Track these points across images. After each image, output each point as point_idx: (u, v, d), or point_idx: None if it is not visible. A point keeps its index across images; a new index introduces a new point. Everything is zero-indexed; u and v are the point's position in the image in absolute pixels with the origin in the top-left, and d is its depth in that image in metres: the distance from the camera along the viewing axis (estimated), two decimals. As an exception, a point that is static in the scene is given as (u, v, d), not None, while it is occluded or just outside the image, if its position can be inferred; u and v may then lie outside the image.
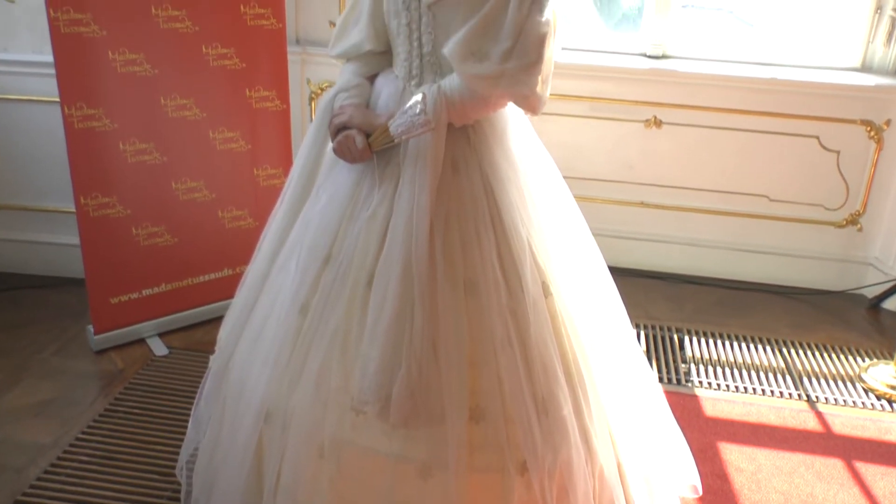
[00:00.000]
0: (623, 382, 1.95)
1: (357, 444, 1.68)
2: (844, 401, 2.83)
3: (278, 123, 3.04)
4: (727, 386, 2.88)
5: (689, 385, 2.88)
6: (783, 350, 3.15)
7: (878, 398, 2.86)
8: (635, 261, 3.69)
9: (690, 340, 3.18)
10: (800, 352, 3.14)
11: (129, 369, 2.83)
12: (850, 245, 3.63)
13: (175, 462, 2.18)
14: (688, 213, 3.65)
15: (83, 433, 2.48)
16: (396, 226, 1.64)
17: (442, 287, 1.62)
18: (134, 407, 2.60)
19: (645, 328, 3.24)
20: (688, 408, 2.72)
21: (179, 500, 2.11)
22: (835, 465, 2.49)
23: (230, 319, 1.99)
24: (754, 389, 2.87)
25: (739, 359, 3.07)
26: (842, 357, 3.12)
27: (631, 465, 1.89)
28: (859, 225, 3.59)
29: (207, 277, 3.08)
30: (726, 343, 3.18)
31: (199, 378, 2.10)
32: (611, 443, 1.84)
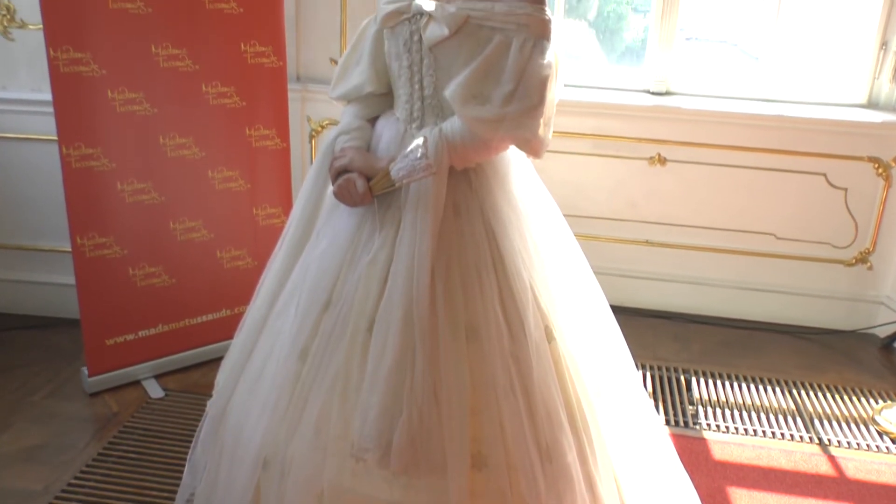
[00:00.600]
0: (628, 427, 1.95)
1: (357, 492, 1.68)
2: (858, 444, 2.82)
3: (278, 162, 3.08)
4: (736, 429, 2.88)
5: (697, 428, 2.87)
6: (793, 391, 3.15)
7: (893, 441, 2.86)
8: (640, 300, 3.70)
9: (698, 382, 3.18)
10: (810, 393, 3.14)
11: (124, 412, 2.83)
12: (860, 284, 3.65)
13: (171, 509, 2.18)
14: (693, 252, 3.67)
15: (75, 479, 2.47)
16: (397, 271, 1.66)
17: (443, 333, 1.64)
18: (128, 451, 2.60)
19: (651, 369, 3.25)
20: (695, 451, 2.71)
21: (175, 549, 2.11)
22: (848, 512, 2.48)
23: (228, 363, 2.00)
24: (764, 432, 2.87)
25: (748, 400, 3.07)
26: (854, 398, 3.12)
27: (637, 513, 1.89)
28: (869, 263, 3.61)
29: (205, 318, 3.10)
30: (735, 384, 3.18)
31: (196, 421, 2.11)
32: (616, 489, 1.84)
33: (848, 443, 2.83)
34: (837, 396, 3.13)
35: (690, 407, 3.01)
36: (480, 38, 1.67)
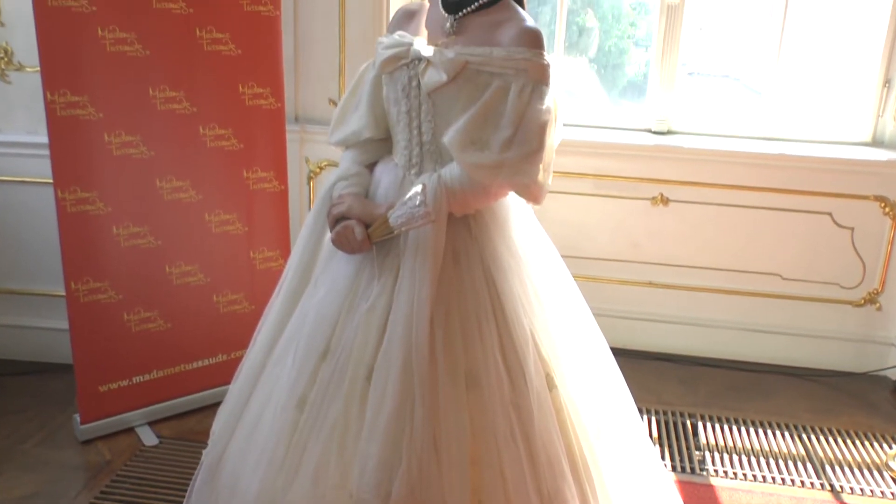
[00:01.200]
0: (632, 475, 1.96)
1: (356, 543, 1.69)
2: (871, 491, 2.82)
3: (276, 205, 3.12)
4: (744, 475, 2.87)
5: (704, 474, 2.87)
6: (803, 436, 3.15)
7: (906, 488, 2.85)
8: (645, 343, 3.71)
9: (704, 426, 3.18)
10: (821, 437, 3.14)
11: (117, 460, 2.83)
12: (870, 325, 3.66)
13: (164, 562, 2.17)
14: (698, 293, 3.69)
15: (67, 530, 2.47)
16: (396, 319, 1.69)
17: (443, 381, 1.66)
18: (121, 501, 2.60)
19: (656, 414, 3.25)
20: (703, 498, 2.71)
21: None
22: (860, 562, 2.47)
23: (224, 411, 2.02)
24: (773, 479, 2.86)
25: (757, 445, 3.07)
26: (867, 443, 3.11)
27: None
28: (878, 304, 3.63)
29: (201, 363, 3.11)
30: (742, 429, 3.18)
31: (191, 470, 2.12)
32: (620, 540, 1.84)
33: (861, 489, 2.82)
34: (849, 441, 3.12)
35: (697, 453, 3.00)
36: (479, 84, 1.72)
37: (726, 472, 2.88)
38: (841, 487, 2.83)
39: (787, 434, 3.15)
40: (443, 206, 1.68)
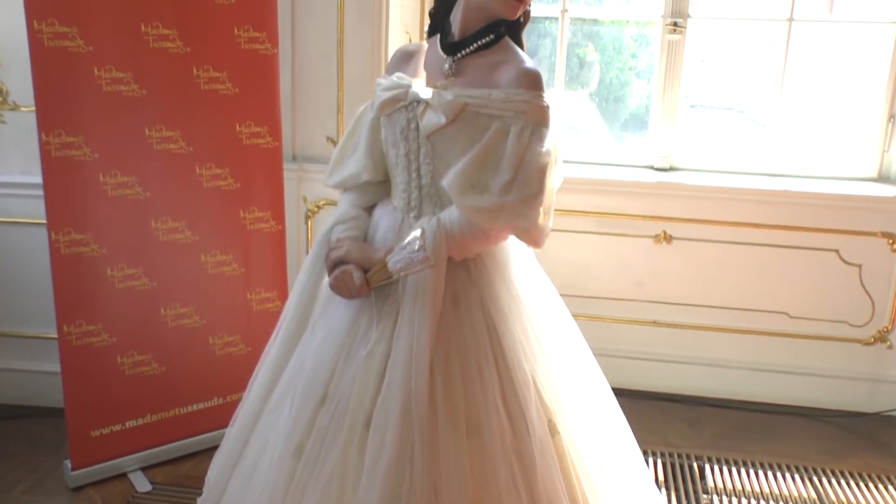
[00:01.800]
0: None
1: None
2: (883, 536, 2.81)
3: (273, 245, 3.14)
4: (754, 521, 2.87)
5: (713, 520, 2.86)
6: (814, 479, 3.14)
7: (921, 533, 2.84)
8: (650, 383, 3.71)
9: (711, 469, 3.17)
10: (832, 480, 3.13)
11: (109, 508, 2.83)
12: (881, 363, 3.66)
13: None
14: (703, 332, 3.70)
15: (57, 582, 2.46)
16: (395, 365, 1.70)
17: (443, 428, 1.67)
18: (113, 551, 2.59)
19: (661, 456, 3.24)
20: (712, 546, 2.70)
21: None
22: None
23: (220, 458, 2.02)
24: (783, 524, 2.86)
25: (766, 489, 3.06)
26: (880, 486, 3.10)
27: None
28: (889, 342, 3.63)
29: (196, 407, 3.11)
30: (751, 471, 3.17)
31: (186, 519, 2.11)
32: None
33: (873, 535, 2.82)
34: (862, 484, 3.11)
35: (704, 496, 2.99)
36: (478, 126, 1.74)
37: (735, 518, 2.87)
38: (853, 533, 2.82)
39: (798, 477, 3.14)
40: (442, 251, 1.70)
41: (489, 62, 1.82)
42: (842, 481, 3.12)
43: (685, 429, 3.49)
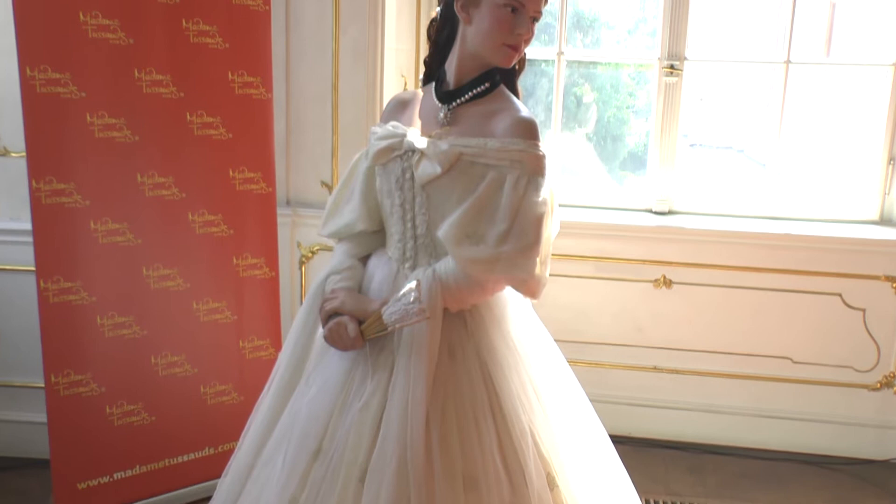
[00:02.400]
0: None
1: None
2: (893, 590, 2.79)
3: (266, 292, 3.15)
4: (760, 574, 2.85)
5: (718, 574, 2.85)
6: (821, 530, 3.13)
7: (932, 586, 2.82)
8: (650, 430, 3.71)
9: (716, 520, 3.17)
10: (840, 531, 3.12)
11: (96, 565, 2.81)
12: (888, 409, 3.65)
13: None
14: (705, 378, 3.70)
15: None
16: (391, 418, 1.71)
17: (439, 483, 1.67)
18: None
19: (665, 506, 3.24)
20: None
21: None
22: None
23: (211, 514, 2.02)
24: (790, 578, 2.84)
25: (772, 541, 3.05)
26: (891, 537, 3.10)
27: None
28: (895, 388, 3.64)
29: (187, 457, 3.10)
30: (757, 522, 3.16)
31: (175, 578, 2.10)
32: None
33: (883, 588, 2.80)
34: (871, 534, 3.11)
35: (709, 549, 2.99)
36: (474, 176, 1.77)
37: (740, 571, 2.86)
38: (862, 586, 2.80)
39: (805, 527, 3.13)
40: (438, 303, 1.72)
41: (484, 111, 1.85)
42: (850, 532, 3.12)
43: (687, 476, 3.48)
